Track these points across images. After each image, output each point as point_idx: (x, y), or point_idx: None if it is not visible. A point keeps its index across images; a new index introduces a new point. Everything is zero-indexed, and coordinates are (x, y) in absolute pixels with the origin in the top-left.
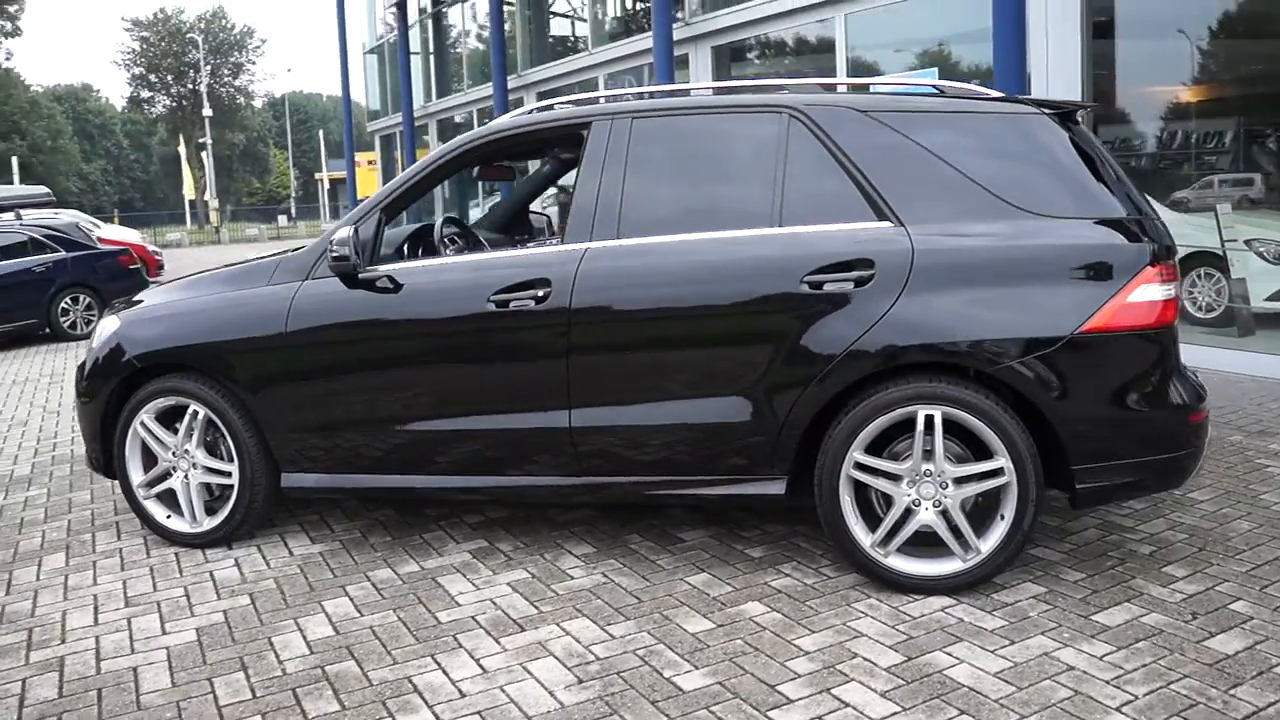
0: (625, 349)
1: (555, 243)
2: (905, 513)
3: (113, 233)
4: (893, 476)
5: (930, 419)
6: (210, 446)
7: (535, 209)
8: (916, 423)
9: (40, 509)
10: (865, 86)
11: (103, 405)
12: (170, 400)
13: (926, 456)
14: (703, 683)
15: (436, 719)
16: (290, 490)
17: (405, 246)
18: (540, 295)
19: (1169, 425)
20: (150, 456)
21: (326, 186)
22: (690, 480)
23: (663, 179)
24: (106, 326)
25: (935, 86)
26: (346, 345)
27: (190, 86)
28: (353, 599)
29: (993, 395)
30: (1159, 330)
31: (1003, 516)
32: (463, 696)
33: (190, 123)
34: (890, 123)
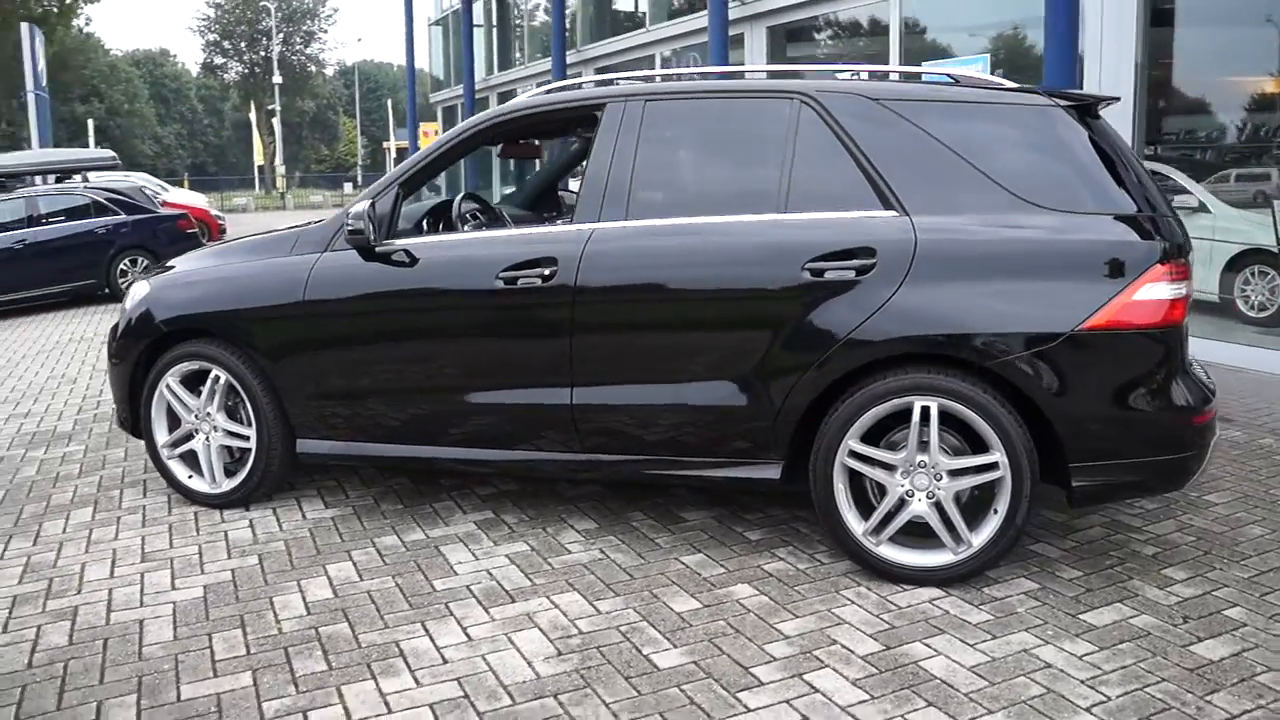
0: (627, 329)
1: (565, 222)
2: (899, 503)
3: (179, 196)
4: (887, 466)
5: (926, 410)
6: (231, 410)
7: (567, 188)
8: (913, 413)
9: (76, 464)
10: (886, 74)
11: (131, 367)
12: (194, 364)
13: (922, 448)
14: (678, 661)
15: (416, 683)
16: (305, 456)
17: (424, 221)
18: (547, 274)
19: (1171, 426)
20: (174, 418)
21: (393, 155)
22: (688, 461)
23: (673, 162)
24: (138, 291)
25: (950, 76)
26: (360, 317)
27: (262, 54)
28: (356, 563)
29: (990, 389)
30: (1165, 329)
31: (996, 511)
32: (444, 663)
33: (261, 89)
34: (901, 111)
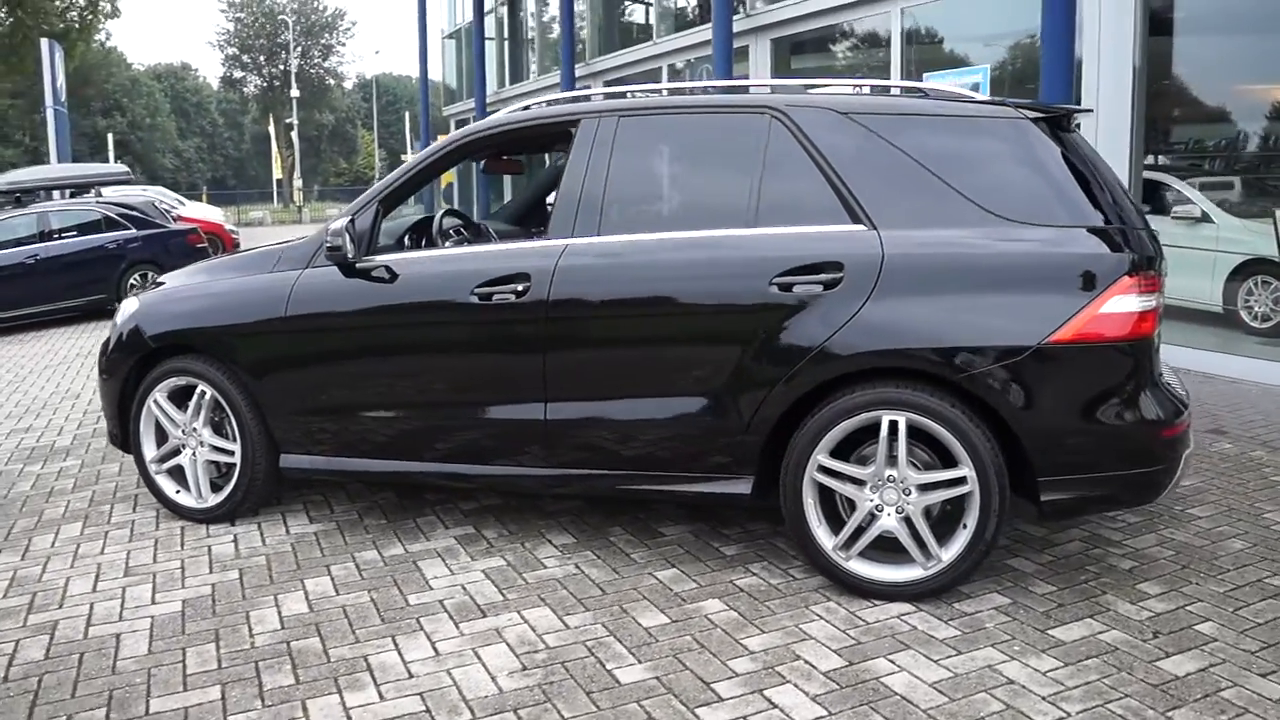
0: (598, 345)
1: (540, 238)
2: (868, 518)
3: (195, 211)
4: (857, 481)
5: (894, 424)
6: (217, 426)
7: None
8: (881, 428)
9: (71, 479)
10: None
11: (121, 383)
12: (181, 380)
13: (891, 462)
14: (641, 676)
15: (380, 697)
16: (288, 471)
17: (406, 237)
18: (520, 289)
19: (1141, 440)
20: (162, 433)
21: None
22: (660, 476)
23: (645, 177)
24: (127, 307)
25: (920, 89)
26: (340, 332)
27: (281, 67)
28: (334, 578)
29: (959, 403)
30: (1133, 342)
31: (965, 526)
32: (410, 677)
33: (280, 103)
34: (870, 125)
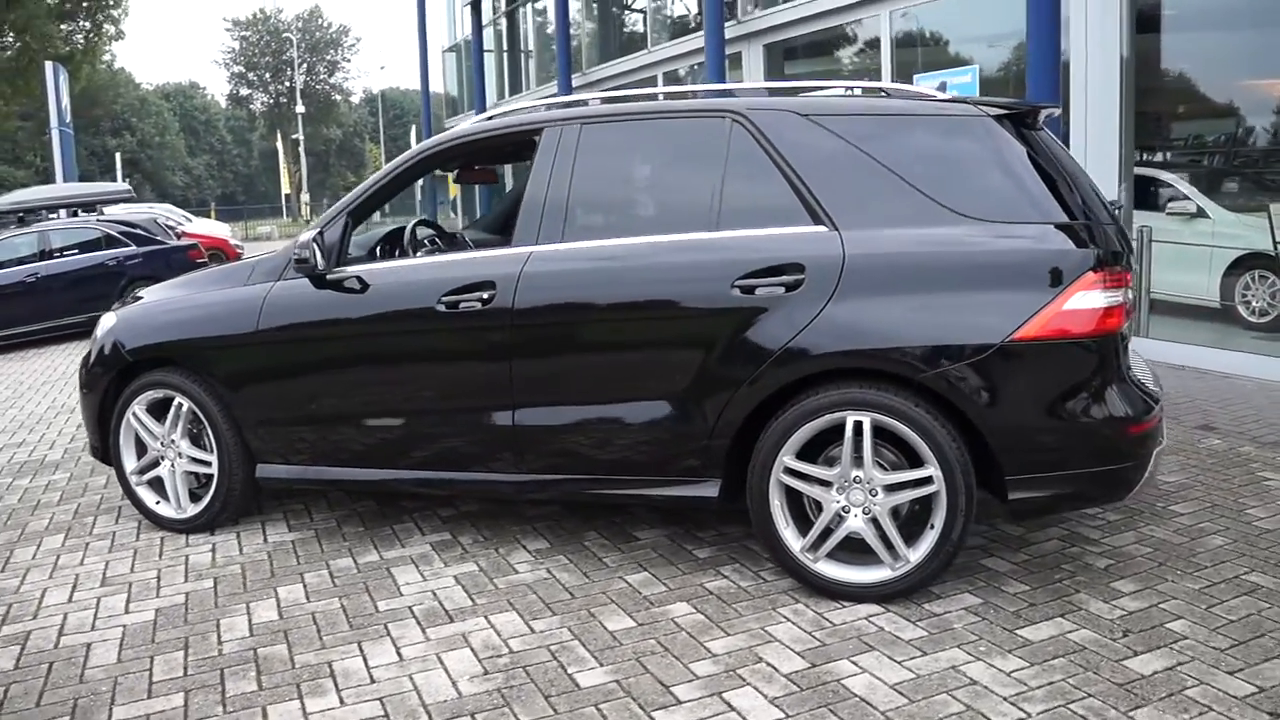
0: (564, 351)
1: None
2: (835, 519)
3: (201, 227)
4: (823, 482)
5: (859, 425)
6: (194, 437)
7: None
8: (846, 429)
9: (58, 492)
10: (815, 88)
11: (100, 396)
12: (159, 393)
13: (857, 463)
14: (601, 680)
15: (341, 702)
16: (264, 481)
17: (379, 248)
18: (485, 297)
19: (1108, 436)
20: (142, 445)
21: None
22: (629, 480)
23: (608, 184)
24: (106, 322)
25: (882, 89)
26: (311, 344)
27: (287, 84)
28: (307, 585)
29: (923, 403)
30: (1099, 338)
31: (932, 526)
32: (372, 683)
33: (286, 119)
34: (830, 126)
